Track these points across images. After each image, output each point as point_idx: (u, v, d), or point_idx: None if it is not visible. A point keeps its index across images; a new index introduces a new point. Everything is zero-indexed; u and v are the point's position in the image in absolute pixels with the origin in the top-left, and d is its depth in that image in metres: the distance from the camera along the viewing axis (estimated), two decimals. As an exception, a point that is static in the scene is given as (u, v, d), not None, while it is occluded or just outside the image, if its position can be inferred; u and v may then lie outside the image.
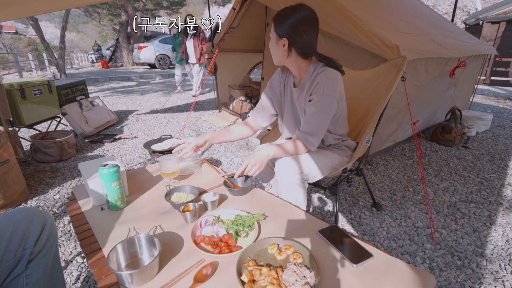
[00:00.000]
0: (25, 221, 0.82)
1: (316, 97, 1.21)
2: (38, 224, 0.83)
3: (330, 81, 1.19)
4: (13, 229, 0.79)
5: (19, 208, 0.86)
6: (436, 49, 2.49)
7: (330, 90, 1.19)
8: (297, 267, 0.74)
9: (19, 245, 0.79)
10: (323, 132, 1.25)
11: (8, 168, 1.95)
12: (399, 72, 1.52)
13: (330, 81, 1.19)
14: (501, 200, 2.06)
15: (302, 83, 1.28)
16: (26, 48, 20.98)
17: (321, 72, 1.21)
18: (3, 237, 0.78)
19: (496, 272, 1.41)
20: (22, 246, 0.80)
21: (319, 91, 1.20)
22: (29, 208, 0.87)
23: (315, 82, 1.21)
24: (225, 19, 3.72)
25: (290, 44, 1.19)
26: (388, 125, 2.57)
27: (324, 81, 1.19)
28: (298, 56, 1.23)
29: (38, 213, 0.86)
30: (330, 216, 1.88)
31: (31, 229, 0.81)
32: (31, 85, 2.84)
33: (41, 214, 0.86)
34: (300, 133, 1.26)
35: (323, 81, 1.19)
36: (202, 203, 1.07)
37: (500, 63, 7.76)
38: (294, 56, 1.23)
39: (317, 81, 1.20)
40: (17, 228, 0.80)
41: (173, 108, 5.16)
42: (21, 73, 9.34)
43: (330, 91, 1.19)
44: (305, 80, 1.27)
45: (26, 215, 0.83)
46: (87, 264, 1.28)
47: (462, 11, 17.34)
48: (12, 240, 0.78)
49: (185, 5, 19.30)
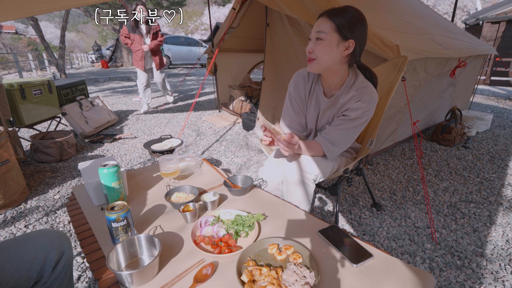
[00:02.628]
0: (45, 249, 0.82)
1: (353, 114, 1.16)
2: (57, 252, 0.85)
3: (371, 101, 1.16)
4: (34, 257, 0.80)
5: (40, 233, 0.86)
6: (436, 49, 2.49)
7: (370, 110, 1.17)
8: (297, 267, 0.74)
9: (38, 273, 0.81)
10: (347, 146, 1.24)
11: (8, 168, 1.95)
12: (400, 72, 1.51)
13: (371, 101, 1.16)
14: (501, 200, 2.06)
15: (337, 94, 1.22)
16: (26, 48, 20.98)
17: (363, 88, 1.16)
18: (23, 266, 0.78)
19: (496, 272, 1.41)
20: (41, 274, 0.81)
21: (358, 109, 1.15)
22: (50, 234, 0.87)
23: (355, 99, 1.16)
24: (225, 19, 3.72)
25: (356, 48, 1.12)
26: (387, 125, 2.57)
27: (367, 100, 1.15)
28: (346, 65, 1.18)
29: (58, 239, 0.86)
30: (330, 216, 1.88)
31: (49, 258, 0.82)
32: (31, 85, 2.84)
33: (61, 241, 0.87)
34: (323, 139, 1.21)
35: (366, 100, 1.15)
36: (202, 203, 1.07)
37: (500, 63, 7.76)
38: (346, 64, 1.17)
39: (358, 98, 1.15)
40: (37, 256, 0.81)
41: (173, 108, 5.16)
42: (21, 73, 9.34)
43: (369, 111, 1.17)
44: (341, 92, 1.21)
45: (47, 242, 0.84)
46: (87, 264, 1.28)
47: (462, 11, 17.34)
48: (32, 268, 0.79)
49: (185, 5, 19.29)
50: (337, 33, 1.09)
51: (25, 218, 1.85)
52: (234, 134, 3.57)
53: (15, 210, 1.94)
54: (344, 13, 1.10)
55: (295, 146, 1.12)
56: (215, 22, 13.14)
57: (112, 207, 0.86)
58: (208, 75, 4.25)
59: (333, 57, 1.13)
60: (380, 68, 1.66)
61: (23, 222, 1.80)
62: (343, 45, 1.11)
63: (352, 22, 1.09)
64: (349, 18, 1.09)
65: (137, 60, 4.26)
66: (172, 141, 2.15)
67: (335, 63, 1.15)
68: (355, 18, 1.10)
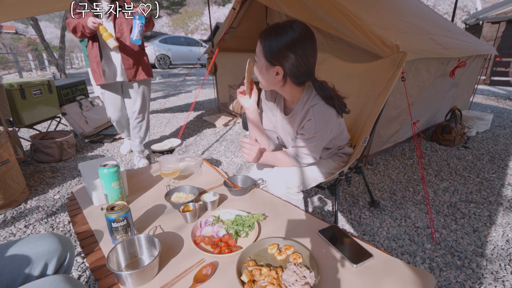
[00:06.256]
0: (45, 258, 0.77)
1: (307, 134, 1.11)
2: (57, 262, 0.80)
3: (323, 119, 1.08)
4: (32, 266, 0.75)
5: (41, 238, 0.80)
6: (436, 49, 2.49)
7: (323, 129, 1.10)
8: (297, 267, 0.74)
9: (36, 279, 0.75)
10: (315, 159, 1.20)
11: (8, 168, 1.95)
12: (399, 68, 1.46)
13: (323, 119, 1.08)
14: (501, 200, 2.06)
15: (294, 111, 1.17)
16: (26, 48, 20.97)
17: (314, 106, 1.08)
18: (19, 274, 0.73)
19: (496, 272, 1.41)
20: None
21: (311, 128, 1.10)
22: (52, 240, 0.81)
23: (307, 117, 1.10)
24: (225, 19, 3.72)
25: (286, 73, 1.04)
26: (390, 126, 2.57)
27: (316, 119, 1.08)
28: (293, 85, 1.09)
29: (61, 247, 0.81)
30: (330, 216, 1.88)
31: (48, 269, 0.78)
32: (31, 85, 2.84)
33: (63, 248, 0.82)
34: (291, 153, 1.20)
35: (315, 119, 1.08)
36: (202, 203, 1.07)
37: (500, 63, 7.76)
38: (289, 85, 1.09)
39: (309, 117, 1.09)
40: (35, 265, 0.76)
41: (173, 108, 5.16)
42: (21, 73, 9.35)
43: (323, 130, 1.10)
44: (297, 109, 1.16)
45: (48, 250, 0.78)
46: (87, 264, 1.28)
47: (462, 11, 17.34)
48: (29, 279, 0.75)
49: (185, 5, 19.28)
50: (264, 59, 1.04)
51: (25, 218, 1.85)
52: (234, 134, 3.57)
53: (15, 210, 1.94)
54: (275, 37, 0.99)
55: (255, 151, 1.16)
56: (215, 22, 13.14)
57: (112, 207, 0.86)
58: (208, 75, 4.25)
59: (267, 80, 1.09)
60: (378, 63, 1.62)
61: (23, 222, 1.80)
62: (272, 71, 1.05)
63: (280, 50, 0.99)
64: (277, 45, 0.99)
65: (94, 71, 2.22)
66: (172, 141, 2.15)
67: (274, 85, 1.11)
68: (285, 45, 0.98)
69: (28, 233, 1.71)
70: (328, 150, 1.36)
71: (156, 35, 13.75)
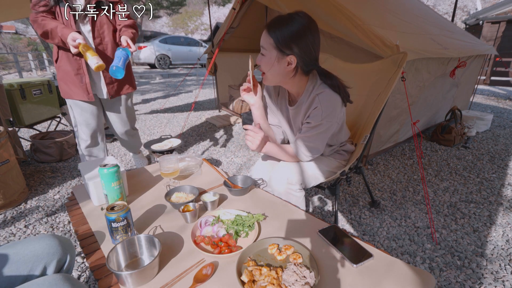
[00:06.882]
0: (44, 260, 0.76)
1: (313, 121, 1.12)
2: (57, 264, 0.78)
3: (329, 106, 1.10)
4: (31, 269, 0.74)
5: (41, 239, 0.79)
6: (436, 49, 2.49)
7: (329, 116, 1.11)
8: (297, 267, 0.74)
9: None
10: (319, 151, 1.21)
11: (8, 168, 1.95)
12: (400, 68, 1.48)
13: (329, 106, 1.10)
14: (501, 200, 2.06)
15: (299, 102, 1.18)
16: (26, 48, 20.96)
17: (320, 94, 1.10)
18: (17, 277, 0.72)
19: (496, 272, 1.41)
20: None
21: (317, 115, 1.11)
22: (52, 242, 0.79)
23: (313, 106, 1.11)
24: (225, 19, 3.72)
25: (298, 62, 1.05)
26: (390, 126, 2.57)
27: (323, 106, 1.09)
28: (302, 75, 1.11)
29: (61, 249, 0.79)
30: (330, 216, 1.88)
31: (48, 271, 0.76)
32: (31, 85, 2.84)
33: (64, 250, 0.80)
34: (296, 143, 1.21)
35: (321, 106, 1.09)
36: (202, 203, 1.07)
37: (500, 63, 7.76)
38: (298, 75, 1.11)
39: (316, 104, 1.10)
40: (35, 267, 0.74)
41: (173, 108, 5.16)
42: (21, 73, 9.34)
43: (329, 116, 1.11)
44: (302, 99, 1.17)
45: (48, 252, 0.77)
46: (87, 264, 1.28)
47: (462, 11, 17.35)
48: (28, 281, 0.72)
49: (185, 5, 19.26)
50: (275, 50, 1.04)
51: (25, 218, 1.85)
52: (234, 134, 3.57)
53: (15, 210, 1.94)
54: (284, 26, 1.02)
55: (259, 138, 1.14)
56: (215, 22, 13.14)
57: (112, 207, 0.86)
58: (208, 75, 4.25)
59: (277, 72, 1.09)
60: (378, 64, 1.63)
61: (23, 222, 1.80)
62: (284, 61, 1.05)
63: (291, 37, 1.01)
64: (289, 33, 1.01)
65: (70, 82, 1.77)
66: (172, 141, 2.15)
67: (283, 77, 1.11)
68: (296, 32, 1.01)
69: (28, 233, 1.71)
70: (331, 147, 1.36)
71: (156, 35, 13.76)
